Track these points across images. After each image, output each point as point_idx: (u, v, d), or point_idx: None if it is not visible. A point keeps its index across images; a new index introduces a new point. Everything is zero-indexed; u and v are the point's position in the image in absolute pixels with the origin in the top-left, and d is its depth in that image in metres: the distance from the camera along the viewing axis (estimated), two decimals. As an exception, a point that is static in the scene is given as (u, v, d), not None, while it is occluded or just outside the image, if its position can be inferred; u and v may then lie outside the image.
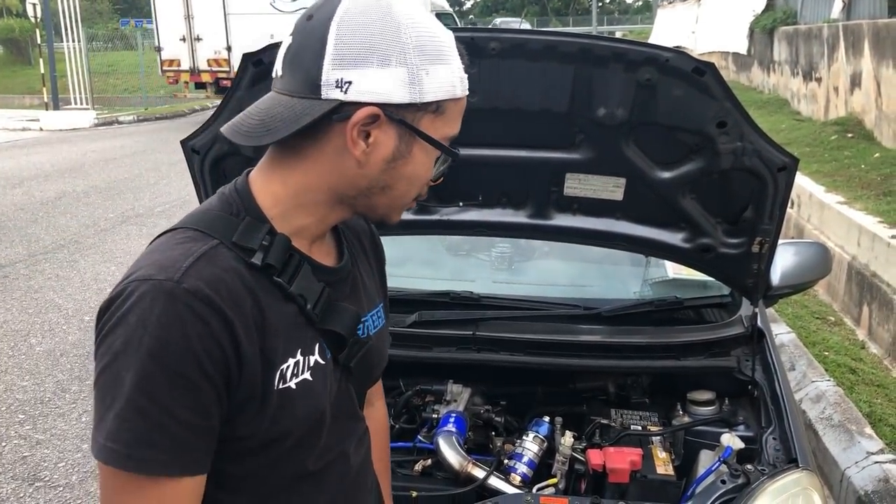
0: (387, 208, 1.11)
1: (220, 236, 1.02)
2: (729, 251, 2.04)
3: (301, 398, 1.05)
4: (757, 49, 15.42)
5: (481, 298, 2.37)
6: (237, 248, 1.02)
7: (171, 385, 0.93)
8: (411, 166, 1.06)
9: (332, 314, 1.10)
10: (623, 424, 2.10)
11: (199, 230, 1.03)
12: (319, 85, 0.98)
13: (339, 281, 1.16)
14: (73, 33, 19.33)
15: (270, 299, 1.02)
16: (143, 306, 0.94)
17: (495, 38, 1.72)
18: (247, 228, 1.03)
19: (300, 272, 1.06)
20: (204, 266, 0.97)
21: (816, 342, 4.71)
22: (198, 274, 0.96)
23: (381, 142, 1.02)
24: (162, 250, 1.01)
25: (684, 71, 1.71)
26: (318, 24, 0.99)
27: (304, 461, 1.11)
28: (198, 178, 2.00)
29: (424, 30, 1.02)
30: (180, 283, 0.94)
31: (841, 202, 6.12)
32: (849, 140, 8.42)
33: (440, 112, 1.04)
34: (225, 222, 1.04)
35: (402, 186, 1.08)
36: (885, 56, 7.97)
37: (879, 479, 3.08)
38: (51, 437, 3.97)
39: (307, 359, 1.07)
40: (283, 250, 1.05)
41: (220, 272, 0.98)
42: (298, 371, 1.05)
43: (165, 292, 0.94)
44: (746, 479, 1.76)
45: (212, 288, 0.96)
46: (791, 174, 1.84)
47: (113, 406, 0.93)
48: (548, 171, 2.00)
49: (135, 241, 7.59)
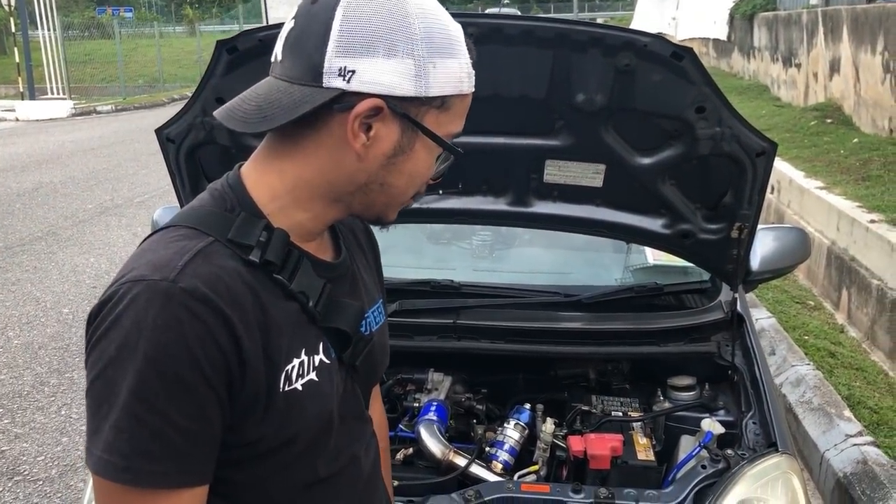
0: (384, 206, 1.07)
1: (215, 233, 0.97)
2: (708, 237, 2.04)
3: (308, 399, 1.01)
4: (737, 35, 15.47)
5: (462, 287, 2.36)
6: (233, 245, 0.97)
7: (169, 392, 0.88)
8: (412, 163, 1.02)
9: (334, 311, 1.06)
10: (604, 411, 2.10)
11: (193, 227, 0.98)
12: (321, 72, 0.94)
13: (339, 277, 1.11)
14: (48, 22, 19.09)
15: (271, 297, 0.98)
16: (137, 308, 0.89)
17: (472, 23, 1.70)
18: (242, 224, 0.98)
19: (300, 269, 1.02)
20: (200, 264, 0.93)
21: (796, 326, 4.75)
22: (194, 272, 0.91)
23: (383, 136, 0.98)
24: (154, 249, 0.96)
25: (663, 56, 1.70)
26: (323, 8, 0.95)
27: (314, 467, 1.06)
28: (173, 167, 1.97)
29: (434, 20, 0.97)
30: (176, 283, 0.90)
31: (820, 187, 6.16)
32: (828, 125, 8.48)
33: (445, 108, 1.00)
34: (219, 219, 0.99)
35: (401, 183, 1.04)
36: (864, 42, 8.02)
37: (858, 461, 3.12)
38: (30, 431, 3.93)
39: (312, 358, 1.02)
40: (281, 246, 1.00)
41: (218, 270, 0.93)
42: (304, 371, 1.01)
43: (161, 292, 0.89)
44: (727, 464, 1.76)
45: (209, 286, 0.91)
46: (770, 159, 1.84)
47: (109, 416, 0.88)
48: (527, 157, 1.99)
49: (114, 231, 7.53)
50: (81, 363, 4.70)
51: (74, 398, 4.25)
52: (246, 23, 32.06)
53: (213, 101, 1.81)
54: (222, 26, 36.31)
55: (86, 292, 5.55)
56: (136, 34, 29.79)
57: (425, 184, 1.08)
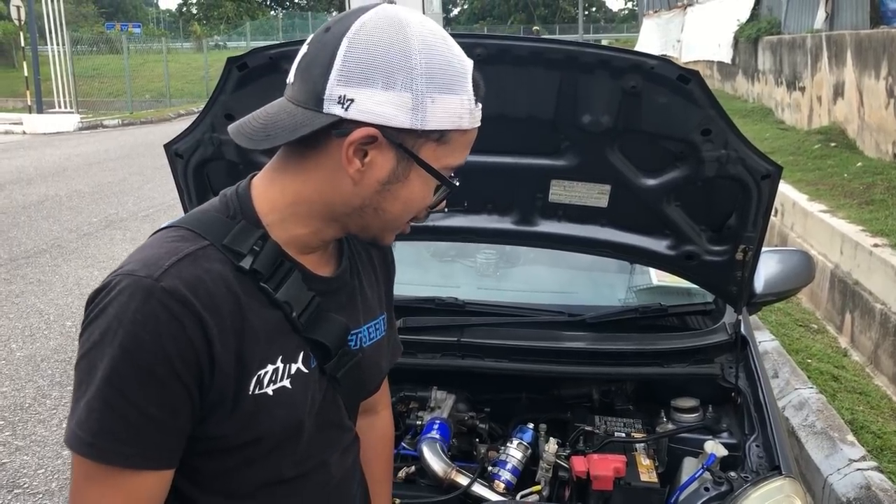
0: (379, 230, 1.11)
1: (213, 238, 1.03)
2: (713, 258, 2.04)
3: (277, 406, 1.05)
4: (741, 58, 15.54)
5: (466, 305, 2.37)
6: (227, 251, 1.02)
7: (139, 381, 0.94)
8: (407, 190, 1.05)
9: (319, 324, 1.10)
10: (607, 431, 2.10)
11: (193, 230, 1.04)
12: (322, 98, 0.99)
13: (334, 291, 1.15)
14: (57, 36, 19.24)
15: (255, 304, 1.03)
16: (121, 300, 0.95)
17: (480, 43, 1.72)
18: (240, 232, 1.04)
19: (288, 279, 1.06)
20: (186, 266, 0.98)
21: (799, 350, 4.74)
22: (178, 273, 0.97)
23: (378, 163, 1.02)
24: (151, 247, 1.02)
25: (669, 78, 1.71)
26: (333, 37, 1.00)
27: (278, 467, 1.11)
28: (181, 181, 1.98)
29: (438, 56, 1.00)
30: (158, 282, 0.95)
31: (824, 211, 6.17)
32: (832, 149, 8.50)
33: (444, 141, 1.03)
34: (220, 224, 1.05)
35: (395, 209, 1.07)
36: (868, 66, 8.05)
37: (861, 486, 3.10)
38: (30, 444, 3.93)
39: (288, 366, 1.07)
40: (271, 256, 1.05)
41: (202, 273, 0.99)
42: (277, 378, 1.05)
43: (143, 289, 0.95)
44: (730, 487, 1.76)
45: (189, 288, 0.96)
46: (774, 182, 1.85)
47: (85, 395, 0.96)
48: (533, 177, 2.00)
49: (118, 245, 7.54)
50: (83, 376, 4.74)
51: (76, 411, 4.24)
52: (253, 40, 32.26)
53: (222, 117, 1.82)
54: (230, 43, 36.55)
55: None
56: (144, 49, 30.05)
57: (423, 211, 1.11)
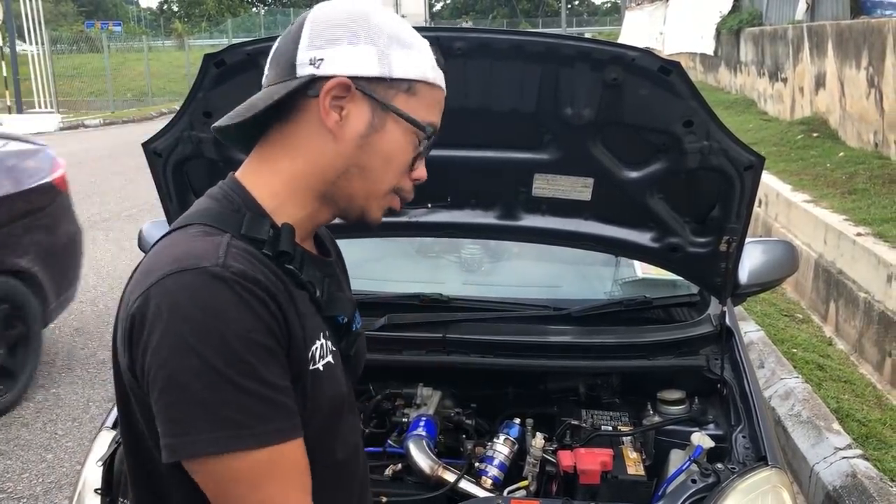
0: (365, 198, 1.11)
1: (230, 230, 1.03)
2: (697, 250, 2.04)
3: (328, 380, 1.07)
4: (724, 50, 15.60)
5: (451, 301, 2.36)
6: (247, 239, 1.03)
7: (258, 357, 0.94)
8: (386, 142, 1.08)
9: (334, 301, 1.13)
10: (594, 425, 2.10)
11: (209, 224, 1.04)
12: (294, 65, 1.05)
13: (333, 274, 1.20)
14: (36, 36, 19.04)
15: (290, 286, 1.05)
16: (198, 295, 0.93)
17: (461, 37, 1.71)
18: (251, 222, 1.05)
19: (306, 261, 1.09)
20: (237, 253, 0.99)
21: (785, 339, 4.77)
22: (236, 259, 0.97)
23: (354, 115, 1.05)
24: (183, 244, 1.00)
25: (650, 70, 1.70)
26: (297, 24, 1.09)
27: (332, 449, 1.11)
28: (160, 181, 1.96)
29: (395, 22, 1.09)
30: (227, 268, 0.95)
31: (807, 201, 6.20)
32: (814, 139, 8.54)
33: (413, 93, 1.07)
34: (230, 217, 1.06)
35: (377, 165, 1.08)
36: (848, 57, 8.10)
37: (847, 474, 3.12)
38: (14, 448, 3.89)
39: (327, 343, 1.09)
40: (290, 239, 1.06)
41: (250, 257, 1.00)
42: (324, 353, 1.08)
43: (218, 277, 0.94)
44: (717, 478, 1.76)
45: (256, 270, 0.98)
46: (757, 173, 1.84)
47: (209, 400, 0.91)
48: (516, 171, 1.99)
49: (101, 246, 7.48)
50: (68, 379, 4.67)
51: (60, 414, 4.21)
52: (235, 37, 32.10)
53: (200, 114, 1.80)
54: (211, 41, 36.33)
55: (72, 307, 5.50)
56: (124, 48, 29.80)
57: (407, 178, 1.12)
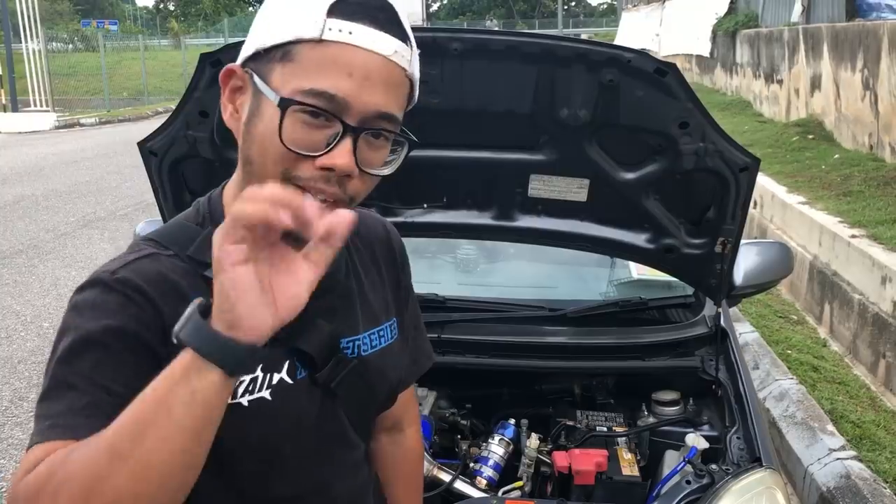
0: None
1: (177, 248, 0.98)
2: (692, 251, 2.05)
3: (253, 418, 0.97)
4: (720, 52, 15.62)
5: (446, 301, 2.36)
6: (191, 261, 0.97)
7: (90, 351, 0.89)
8: (262, 125, 0.92)
9: (303, 332, 1.00)
10: (588, 426, 2.10)
11: (156, 240, 1.00)
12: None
13: (321, 294, 0.98)
14: (32, 34, 19.00)
15: None
16: (78, 299, 0.94)
17: (457, 38, 1.71)
18: (206, 240, 0.93)
19: None
20: (147, 263, 0.95)
21: (779, 341, 4.77)
22: (136, 268, 0.94)
23: (242, 103, 0.97)
24: (114, 259, 0.99)
25: (646, 71, 1.71)
26: None
27: (266, 487, 1.02)
28: (156, 180, 1.95)
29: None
30: (115, 275, 0.93)
31: (802, 202, 6.22)
32: (810, 141, 8.56)
33: (288, 59, 0.91)
34: (185, 233, 1.00)
35: (254, 153, 0.94)
36: (844, 59, 8.12)
37: (841, 475, 3.12)
38: (7, 447, 3.87)
39: (269, 376, 0.99)
40: None
41: (165, 271, 0.95)
42: (254, 388, 0.97)
43: (99, 282, 0.93)
44: (711, 479, 1.76)
45: (145, 279, 0.93)
46: (752, 174, 1.85)
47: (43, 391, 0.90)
48: (512, 172, 1.99)
49: (96, 245, 7.46)
50: (62, 378, 4.67)
51: (54, 413, 4.19)
52: (231, 36, 32.05)
53: (196, 114, 1.80)
54: (207, 40, 36.29)
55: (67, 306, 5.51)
56: (120, 47, 29.72)
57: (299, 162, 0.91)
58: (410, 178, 2.09)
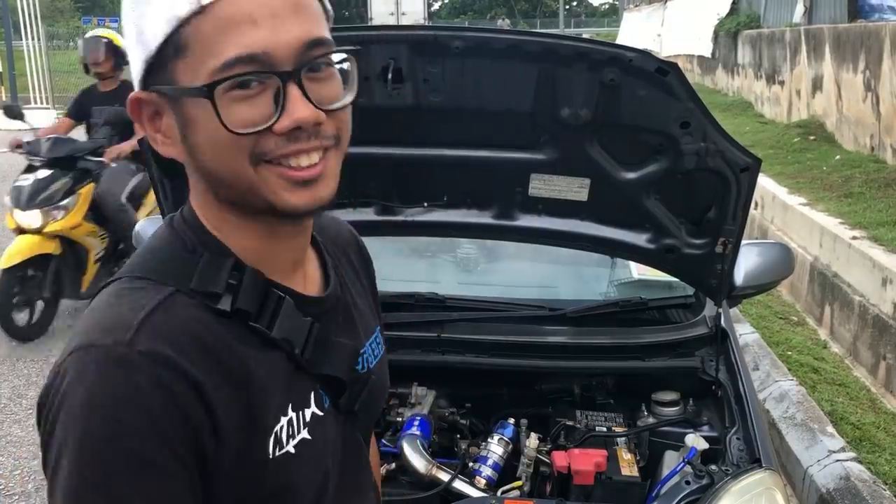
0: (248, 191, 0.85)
1: (176, 282, 0.84)
2: (693, 252, 2.04)
3: (302, 461, 0.88)
4: (721, 52, 15.61)
5: (446, 300, 2.35)
6: (199, 295, 0.84)
7: (134, 474, 0.76)
8: (200, 130, 0.83)
9: (325, 355, 0.93)
10: (588, 426, 2.09)
11: (148, 278, 0.85)
12: None
13: (329, 311, 0.98)
14: (32, 31, 19.00)
15: (251, 349, 0.86)
16: (88, 383, 0.76)
17: (458, 36, 1.71)
18: (206, 268, 0.86)
19: (281, 311, 0.89)
20: (162, 319, 0.80)
21: (780, 342, 4.77)
22: (154, 331, 0.79)
23: (167, 126, 0.86)
24: (104, 308, 0.83)
25: (647, 71, 1.71)
26: None
27: None
28: (156, 177, 1.95)
29: None
30: (133, 346, 0.77)
31: (803, 203, 6.21)
32: (811, 142, 8.56)
33: (183, 49, 0.81)
34: (179, 263, 0.87)
35: (208, 159, 0.84)
36: (846, 60, 8.11)
37: (841, 476, 3.12)
38: (6, 444, 3.87)
39: (302, 414, 0.90)
40: (255, 287, 0.87)
41: (182, 324, 0.81)
42: (294, 431, 0.88)
43: (114, 360, 0.77)
44: (710, 480, 1.76)
45: (173, 345, 0.79)
46: (754, 175, 1.85)
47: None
48: (512, 171, 1.99)
49: (96, 242, 7.44)
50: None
51: (53, 411, 4.19)
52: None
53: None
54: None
55: (67, 303, 5.49)
56: (121, 44, 29.70)
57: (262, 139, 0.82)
58: (411, 177, 2.10)
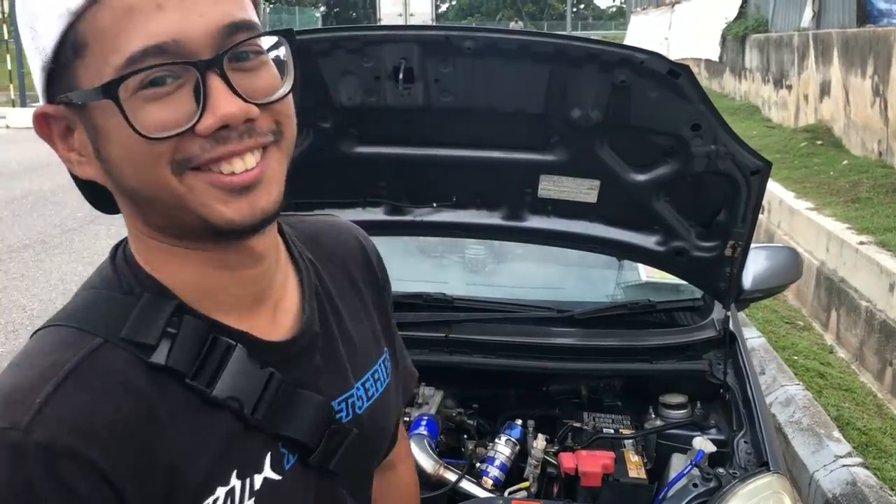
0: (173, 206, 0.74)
1: (106, 331, 0.74)
2: (702, 254, 2.04)
3: None
4: (729, 56, 15.59)
5: (454, 300, 2.35)
6: (129, 345, 0.74)
7: None
8: (113, 141, 0.72)
9: (286, 411, 0.81)
10: (595, 428, 2.09)
11: (77, 327, 0.75)
12: None
13: (300, 354, 0.85)
14: (42, 30, 19.04)
15: (184, 412, 0.75)
16: None
17: (470, 36, 1.71)
18: (142, 313, 0.75)
19: (227, 364, 0.77)
20: (71, 392, 0.70)
21: (786, 346, 4.76)
22: (57, 413, 0.68)
23: (81, 142, 0.76)
24: (16, 369, 0.73)
25: (659, 73, 1.70)
26: None
27: None
28: None
29: None
30: (29, 433, 0.67)
31: (810, 208, 6.20)
32: (818, 147, 8.54)
33: (81, 48, 0.70)
34: (114, 307, 0.76)
35: (129, 175, 0.73)
36: (854, 65, 8.09)
37: (847, 482, 3.11)
38: None
39: (248, 482, 0.78)
40: (196, 337, 0.76)
41: (96, 399, 0.70)
42: (233, 502, 0.77)
43: (9, 448, 0.67)
44: (718, 483, 1.75)
45: (78, 432, 0.68)
46: (764, 178, 1.84)
47: None
48: (522, 172, 1.99)
49: (103, 240, 7.47)
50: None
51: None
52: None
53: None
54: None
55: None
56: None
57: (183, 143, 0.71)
58: (420, 177, 2.10)
